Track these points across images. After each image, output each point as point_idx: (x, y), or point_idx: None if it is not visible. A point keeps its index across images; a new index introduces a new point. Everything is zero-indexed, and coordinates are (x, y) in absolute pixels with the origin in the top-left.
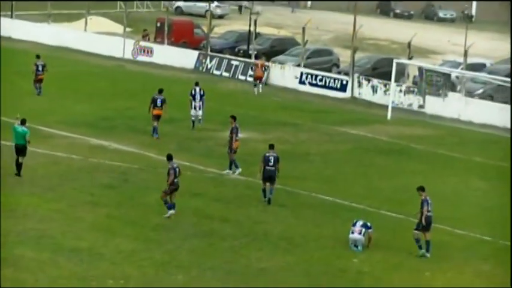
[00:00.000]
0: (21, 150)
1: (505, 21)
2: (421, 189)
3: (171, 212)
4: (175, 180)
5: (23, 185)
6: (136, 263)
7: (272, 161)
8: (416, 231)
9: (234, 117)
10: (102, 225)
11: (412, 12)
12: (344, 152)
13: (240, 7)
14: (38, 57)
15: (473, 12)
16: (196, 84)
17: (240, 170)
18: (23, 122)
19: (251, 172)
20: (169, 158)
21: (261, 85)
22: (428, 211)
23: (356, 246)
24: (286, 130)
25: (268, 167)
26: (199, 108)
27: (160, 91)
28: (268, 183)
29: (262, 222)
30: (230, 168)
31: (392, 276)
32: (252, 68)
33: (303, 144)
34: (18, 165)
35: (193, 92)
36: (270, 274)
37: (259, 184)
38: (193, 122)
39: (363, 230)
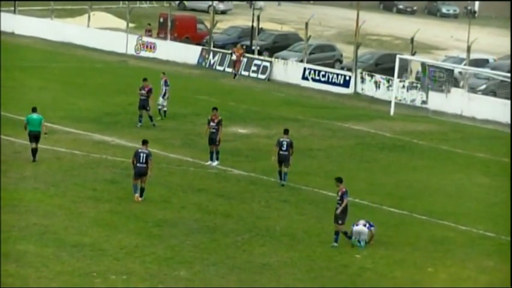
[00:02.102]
0: (36, 137)
1: (508, 17)
2: (340, 180)
3: (136, 195)
4: (139, 164)
5: (26, 181)
6: (139, 258)
7: (285, 145)
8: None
9: (216, 109)
10: (105, 220)
11: (415, 8)
12: (347, 147)
13: (251, 2)
14: None
15: (476, 8)
16: (164, 73)
17: (216, 163)
18: (34, 110)
19: (254, 167)
20: (143, 142)
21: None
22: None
23: (359, 241)
24: (289, 125)
25: (281, 152)
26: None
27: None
28: (283, 166)
29: (265, 217)
30: (217, 159)
31: (394, 272)
32: (231, 55)
33: (305, 140)
34: (34, 151)
35: (168, 81)
36: (272, 269)
37: (262, 179)
38: (164, 111)
39: (367, 224)
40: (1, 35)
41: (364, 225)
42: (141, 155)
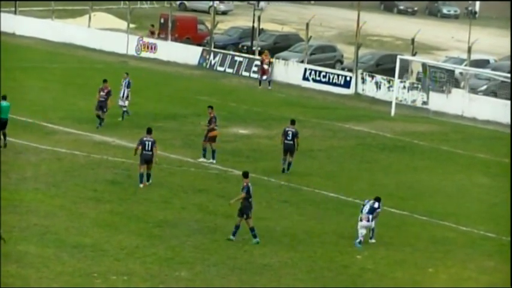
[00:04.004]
0: (5, 124)
1: (509, 18)
2: (245, 175)
3: (141, 185)
4: (145, 152)
5: (27, 181)
6: (140, 259)
7: (290, 135)
8: (240, 218)
9: (212, 107)
10: (106, 221)
11: (415, 9)
12: (347, 148)
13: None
14: None
15: (477, 8)
16: (127, 74)
17: (215, 161)
18: (4, 98)
19: (255, 168)
20: (148, 131)
21: (264, 79)
22: (250, 196)
23: (360, 243)
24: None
25: (286, 141)
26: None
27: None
28: (288, 155)
29: (266, 218)
30: (213, 158)
31: (395, 273)
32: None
33: (306, 140)
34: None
35: (131, 83)
36: (273, 270)
37: (263, 180)
38: (124, 112)
39: (370, 216)
40: (2, 35)
41: (368, 220)
42: (147, 143)
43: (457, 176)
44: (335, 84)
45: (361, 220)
